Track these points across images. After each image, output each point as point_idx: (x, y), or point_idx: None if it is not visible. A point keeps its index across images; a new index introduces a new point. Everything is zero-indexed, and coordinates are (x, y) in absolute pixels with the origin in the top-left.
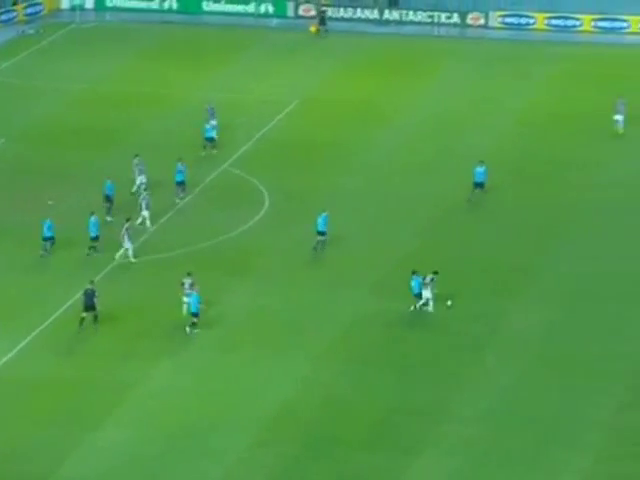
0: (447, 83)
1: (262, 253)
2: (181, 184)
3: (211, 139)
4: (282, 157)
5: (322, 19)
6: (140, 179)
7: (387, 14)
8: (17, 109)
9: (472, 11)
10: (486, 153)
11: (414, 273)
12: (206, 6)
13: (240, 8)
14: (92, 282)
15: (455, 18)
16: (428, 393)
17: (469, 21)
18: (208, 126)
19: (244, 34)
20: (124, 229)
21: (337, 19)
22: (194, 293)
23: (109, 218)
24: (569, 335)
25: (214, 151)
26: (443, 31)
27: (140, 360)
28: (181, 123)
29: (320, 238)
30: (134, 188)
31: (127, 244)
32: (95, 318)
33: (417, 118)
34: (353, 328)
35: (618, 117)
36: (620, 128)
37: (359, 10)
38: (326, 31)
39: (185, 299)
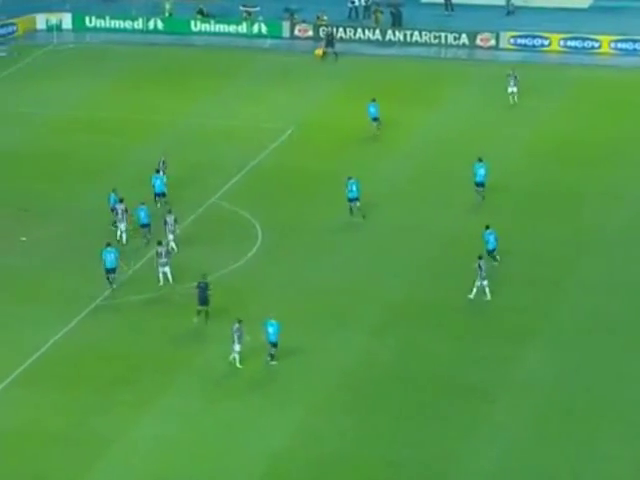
0: (453, 108)
1: (255, 292)
2: (147, 226)
3: (162, 194)
4: (277, 188)
5: (329, 41)
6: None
7: (390, 35)
8: None
9: (482, 31)
10: (494, 183)
11: None
12: (194, 26)
13: (231, 28)
14: (204, 275)
15: (463, 39)
16: (432, 444)
17: (478, 42)
18: (158, 180)
19: (236, 56)
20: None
21: (336, 40)
22: (273, 321)
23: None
24: (585, 379)
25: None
26: (450, 53)
27: (120, 410)
28: (165, 153)
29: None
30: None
31: (237, 347)
32: (207, 314)
33: (421, 145)
34: (351, 375)
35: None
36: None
37: (360, 30)
38: (335, 54)
39: (237, 347)
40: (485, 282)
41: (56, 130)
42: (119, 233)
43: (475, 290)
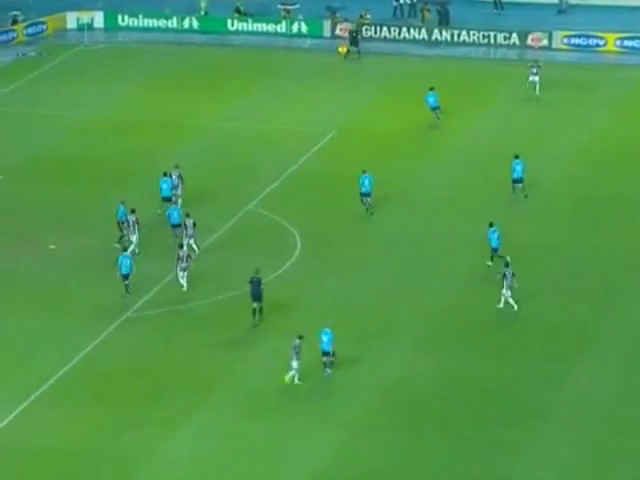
0: (503, 111)
1: (294, 304)
2: (178, 226)
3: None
4: (317, 195)
5: (354, 39)
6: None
7: (437, 34)
8: (16, 141)
9: (533, 31)
10: (545, 188)
11: None
12: (231, 25)
13: (270, 27)
14: (257, 270)
15: (514, 38)
16: (478, 463)
17: (530, 42)
18: (165, 184)
19: (274, 57)
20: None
21: (380, 39)
22: (327, 329)
23: (118, 245)
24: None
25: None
26: (500, 53)
27: (152, 428)
28: (200, 157)
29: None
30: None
31: (295, 363)
32: (260, 310)
33: (468, 150)
34: (392, 390)
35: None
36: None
37: (405, 29)
38: (358, 52)
39: (294, 364)
40: (509, 292)
41: (86, 133)
42: (132, 247)
43: (503, 299)
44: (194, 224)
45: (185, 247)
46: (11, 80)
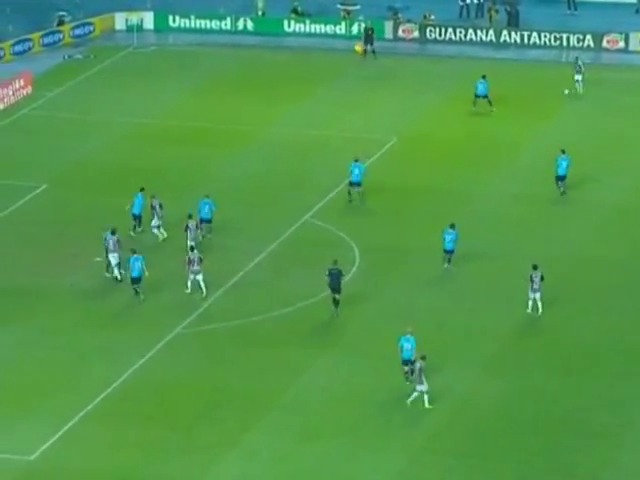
0: (575, 118)
1: (350, 322)
2: (208, 221)
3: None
4: (377, 206)
5: (368, 37)
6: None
7: (505, 36)
8: (62, 148)
9: (609, 32)
10: (619, 206)
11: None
12: (287, 26)
13: (328, 29)
14: (335, 261)
15: (588, 40)
16: None
17: (605, 44)
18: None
19: (332, 59)
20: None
21: (445, 41)
22: (409, 336)
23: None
24: None
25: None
26: (573, 56)
27: (202, 450)
28: (254, 165)
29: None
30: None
31: (424, 386)
32: (337, 303)
33: (536, 160)
34: (458, 414)
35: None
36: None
37: (471, 31)
38: (373, 52)
39: (424, 387)
40: (537, 295)
41: (134, 140)
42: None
43: (531, 303)
44: (197, 226)
45: (196, 250)
46: (57, 83)
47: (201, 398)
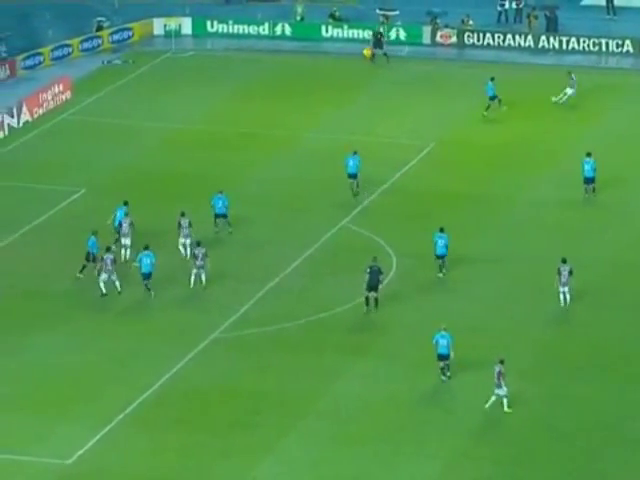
0: (616, 126)
1: (386, 329)
2: (224, 216)
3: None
4: (415, 212)
5: (378, 41)
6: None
7: (544, 41)
8: (100, 153)
9: None
10: None
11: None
12: (325, 32)
13: (366, 34)
14: (375, 258)
15: (627, 46)
16: None
17: None
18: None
19: (370, 64)
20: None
21: (483, 47)
22: (444, 332)
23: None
24: None
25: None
26: (612, 62)
27: (239, 455)
28: (291, 170)
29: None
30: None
31: (503, 390)
32: (375, 301)
33: (574, 167)
34: (496, 423)
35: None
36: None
37: (510, 36)
38: (385, 55)
39: (502, 391)
40: (566, 289)
41: (173, 146)
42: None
43: (562, 297)
44: (190, 224)
45: (201, 245)
46: (95, 89)
47: (238, 403)
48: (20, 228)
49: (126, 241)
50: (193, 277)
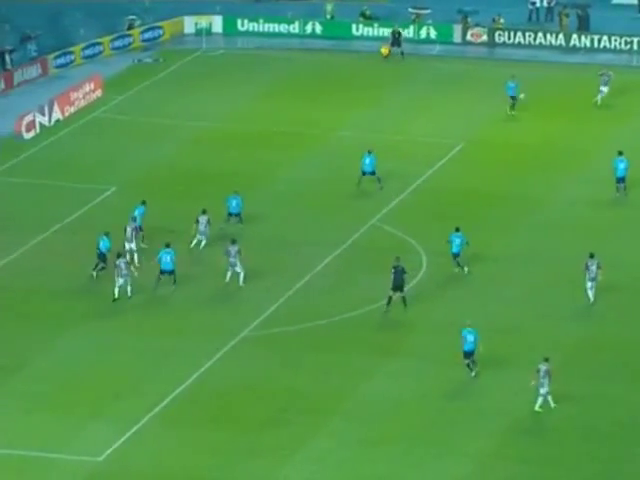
0: None
1: (416, 328)
2: (237, 215)
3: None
4: (445, 211)
5: (396, 40)
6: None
7: (575, 40)
8: (131, 151)
9: None
10: None
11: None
12: (356, 30)
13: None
14: (398, 258)
15: None
16: None
17: None
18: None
19: (400, 63)
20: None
21: (514, 45)
22: (470, 328)
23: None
24: None
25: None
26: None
27: (268, 454)
28: (321, 169)
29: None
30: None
31: (544, 389)
32: (404, 300)
33: (607, 168)
34: (525, 422)
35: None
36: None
37: (540, 35)
38: (401, 53)
39: (544, 390)
40: (593, 283)
41: (203, 145)
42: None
43: (590, 293)
44: (208, 221)
45: (236, 243)
46: (126, 87)
47: (267, 401)
48: (51, 226)
49: (131, 245)
50: (229, 274)
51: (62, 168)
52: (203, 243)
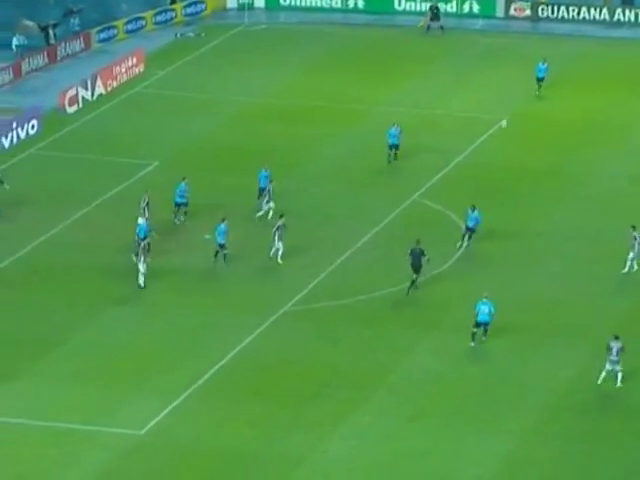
0: None
1: (456, 304)
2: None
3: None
4: (487, 186)
5: (434, 15)
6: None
7: (619, 14)
8: (173, 126)
9: None
10: None
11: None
12: (398, 5)
13: (440, 7)
14: (418, 241)
15: None
16: None
17: None
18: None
19: (443, 38)
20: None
21: (557, 20)
22: (486, 300)
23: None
24: None
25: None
26: None
27: (309, 428)
28: (362, 143)
29: None
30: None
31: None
32: (413, 283)
33: None
34: (567, 397)
35: None
36: None
37: (584, 9)
38: (441, 28)
39: (609, 365)
40: (631, 255)
41: (245, 120)
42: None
43: (629, 264)
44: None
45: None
46: (168, 62)
47: (308, 376)
48: (93, 200)
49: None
50: (274, 250)
51: (104, 143)
52: (271, 213)
